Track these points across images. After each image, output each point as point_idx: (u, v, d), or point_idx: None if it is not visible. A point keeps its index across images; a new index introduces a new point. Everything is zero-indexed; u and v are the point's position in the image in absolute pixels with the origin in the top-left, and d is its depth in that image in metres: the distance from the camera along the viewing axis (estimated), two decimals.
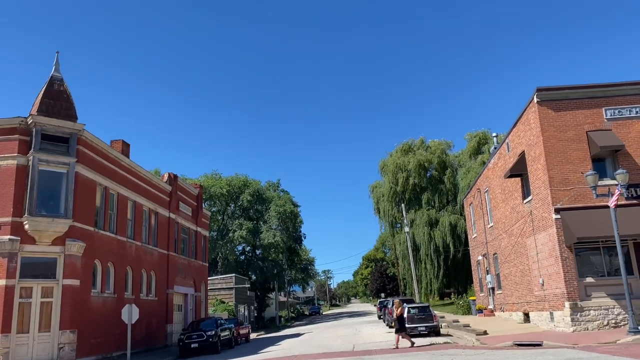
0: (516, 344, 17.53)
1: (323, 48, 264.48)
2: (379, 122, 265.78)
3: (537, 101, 20.96)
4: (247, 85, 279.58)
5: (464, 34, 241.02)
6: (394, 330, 21.74)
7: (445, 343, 20.99)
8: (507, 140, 25.98)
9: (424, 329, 24.14)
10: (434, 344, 20.89)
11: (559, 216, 19.82)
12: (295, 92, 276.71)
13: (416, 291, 45.34)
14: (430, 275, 48.80)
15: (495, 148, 31.19)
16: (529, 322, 23.99)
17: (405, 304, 27.74)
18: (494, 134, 37.27)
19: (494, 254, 30.76)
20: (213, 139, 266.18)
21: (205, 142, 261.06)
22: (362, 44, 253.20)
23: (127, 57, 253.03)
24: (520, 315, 25.44)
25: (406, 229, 46.04)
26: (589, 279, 19.57)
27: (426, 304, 27.20)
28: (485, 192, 31.71)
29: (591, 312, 18.95)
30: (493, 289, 31.36)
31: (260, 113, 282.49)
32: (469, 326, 24.34)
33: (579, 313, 18.93)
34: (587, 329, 18.66)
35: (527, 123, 22.44)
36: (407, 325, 24.26)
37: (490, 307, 31.61)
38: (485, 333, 21.75)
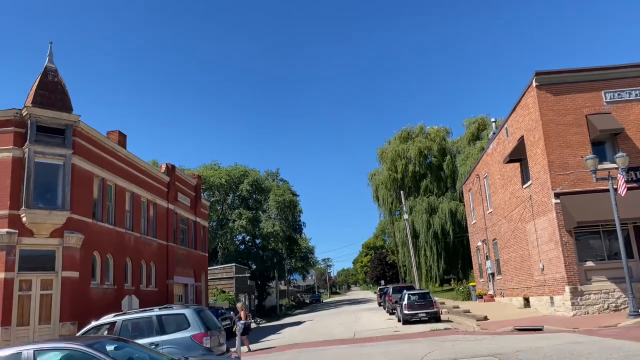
0: (517, 329, 17.54)
1: (321, 37, 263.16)
2: (377, 110, 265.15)
3: (536, 85, 20.77)
4: (245, 74, 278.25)
5: (462, 19, 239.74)
6: (395, 317, 21.74)
7: (445, 329, 21.03)
8: (505, 126, 25.82)
9: (424, 315, 24.22)
10: (434, 330, 20.94)
11: (558, 200, 19.74)
12: (293, 82, 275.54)
13: (416, 278, 45.47)
14: (430, 261, 48.84)
15: (494, 133, 31.03)
16: (529, 307, 24.02)
17: (405, 290, 27.87)
18: (492, 120, 37.09)
19: (493, 240, 30.74)
20: (211, 129, 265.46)
21: (204, 132, 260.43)
22: (360, 32, 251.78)
23: (123, 49, 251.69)
24: (520, 300, 25.47)
25: (405, 216, 46.02)
26: (589, 263, 19.55)
27: (426, 291, 27.26)
28: (485, 178, 31.61)
29: (591, 296, 18.95)
30: (493, 274, 31.39)
31: (258, 102, 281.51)
32: (469, 312, 24.38)
33: (579, 297, 18.93)
34: (588, 313, 18.68)
35: (526, 107, 22.28)
36: (407, 312, 24.40)
37: (490, 292, 31.67)
38: (485, 318, 21.78)
